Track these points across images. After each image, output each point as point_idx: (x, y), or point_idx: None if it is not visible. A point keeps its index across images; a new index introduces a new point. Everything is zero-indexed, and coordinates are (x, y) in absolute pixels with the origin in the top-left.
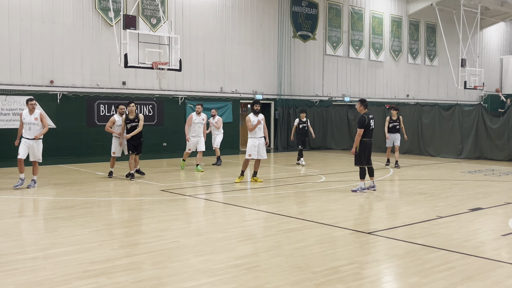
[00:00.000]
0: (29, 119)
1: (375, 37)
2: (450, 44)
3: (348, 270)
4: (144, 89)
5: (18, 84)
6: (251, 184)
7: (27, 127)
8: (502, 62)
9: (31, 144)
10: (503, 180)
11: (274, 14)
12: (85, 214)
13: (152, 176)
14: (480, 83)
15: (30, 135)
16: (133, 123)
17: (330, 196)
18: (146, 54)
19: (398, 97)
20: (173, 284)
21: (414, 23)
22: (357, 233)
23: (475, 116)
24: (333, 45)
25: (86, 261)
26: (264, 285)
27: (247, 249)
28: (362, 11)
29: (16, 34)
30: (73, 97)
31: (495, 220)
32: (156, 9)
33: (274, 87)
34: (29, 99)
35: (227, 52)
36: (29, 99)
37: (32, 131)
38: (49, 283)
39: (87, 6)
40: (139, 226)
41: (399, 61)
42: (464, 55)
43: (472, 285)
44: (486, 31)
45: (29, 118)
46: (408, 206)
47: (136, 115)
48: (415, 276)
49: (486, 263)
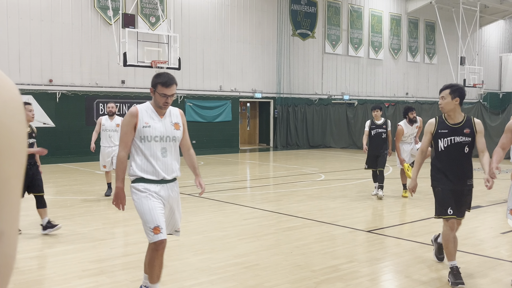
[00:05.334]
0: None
1: (374, 35)
2: (449, 42)
3: (348, 268)
4: (143, 88)
5: (17, 83)
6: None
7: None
8: (501, 60)
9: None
10: (502, 178)
11: (273, 12)
12: (85, 213)
13: None
14: (480, 81)
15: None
16: None
17: (329, 194)
18: (145, 52)
19: (398, 95)
20: (173, 283)
21: (413, 21)
22: (356, 231)
23: (474, 114)
24: (332, 44)
25: (86, 260)
26: (263, 283)
27: (247, 248)
28: (361, 9)
29: (14, 33)
30: (72, 96)
31: (495, 218)
32: (155, 7)
33: (273, 85)
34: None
35: (226, 51)
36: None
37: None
38: (48, 282)
39: (86, 5)
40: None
41: (398, 59)
42: (463, 53)
43: (471, 282)
44: (485, 29)
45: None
46: (407, 205)
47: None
48: (415, 274)
49: (486, 261)
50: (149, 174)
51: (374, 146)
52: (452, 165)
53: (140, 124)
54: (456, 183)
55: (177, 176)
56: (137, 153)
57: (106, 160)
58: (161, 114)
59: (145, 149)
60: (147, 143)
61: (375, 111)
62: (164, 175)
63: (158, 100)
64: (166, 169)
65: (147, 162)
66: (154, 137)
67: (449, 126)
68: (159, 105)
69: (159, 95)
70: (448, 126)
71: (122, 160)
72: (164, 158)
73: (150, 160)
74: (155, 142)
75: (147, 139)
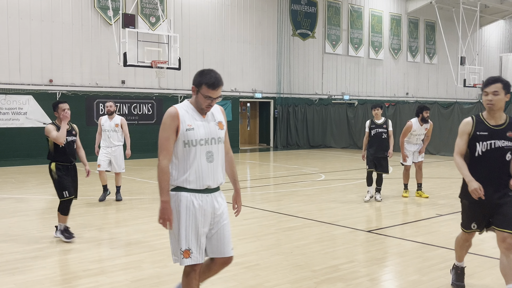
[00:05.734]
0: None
1: (374, 35)
2: (449, 42)
3: (348, 268)
4: (143, 88)
5: (17, 83)
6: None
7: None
8: (502, 60)
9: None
10: None
11: (273, 12)
12: (85, 213)
13: (152, 175)
14: (480, 81)
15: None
16: None
17: (329, 194)
18: (145, 52)
19: (398, 95)
20: (173, 283)
21: (414, 21)
22: (356, 231)
23: (474, 114)
24: (333, 43)
25: (86, 260)
26: (264, 283)
27: (247, 248)
28: (362, 9)
29: (15, 33)
30: (72, 96)
31: None
32: (155, 7)
33: (273, 85)
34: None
35: (226, 51)
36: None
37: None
38: (49, 282)
39: (86, 5)
40: (138, 225)
41: (399, 59)
42: (463, 53)
43: (471, 282)
44: (486, 29)
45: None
46: (407, 205)
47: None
48: (415, 274)
49: (486, 261)
50: (192, 183)
51: (374, 146)
52: (490, 173)
53: (182, 127)
54: (492, 195)
55: (222, 184)
56: (178, 159)
57: (102, 159)
58: (203, 113)
59: (188, 155)
60: (192, 147)
61: (376, 109)
62: (209, 183)
63: (201, 101)
64: (211, 176)
65: (191, 169)
66: (199, 140)
67: (489, 128)
68: (201, 107)
69: (202, 97)
70: (488, 127)
71: (166, 171)
72: (210, 163)
73: (194, 166)
74: (200, 146)
75: (192, 143)
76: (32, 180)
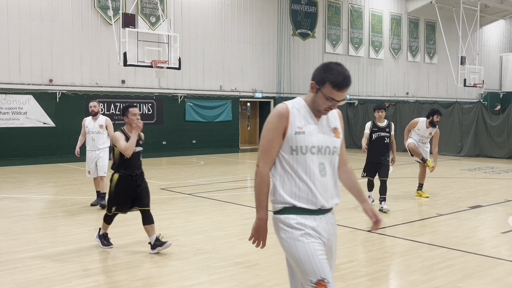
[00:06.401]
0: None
1: (374, 35)
2: (449, 41)
3: (348, 268)
4: (143, 88)
5: (17, 83)
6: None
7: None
8: (502, 59)
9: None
10: (502, 177)
11: (274, 12)
12: (85, 212)
13: (152, 175)
14: (480, 80)
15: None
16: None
17: None
18: (145, 52)
19: (398, 95)
20: (173, 282)
21: (414, 21)
22: (356, 231)
23: (474, 113)
24: (333, 43)
25: (86, 259)
26: (264, 283)
27: (247, 247)
28: (362, 9)
29: (15, 33)
30: (72, 96)
31: (495, 217)
32: (155, 7)
33: (273, 85)
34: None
35: (226, 50)
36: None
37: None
38: (49, 282)
39: (86, 4)
40: (138, 225)
41: (399, 59)
42: (463, 52)
43: (472, 282)
44: (486, 28)
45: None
46: (408, 204)
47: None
48: (415, 273)
49: (486, 261)
50: (304, 202)
51: (375, 152)
52: None
53: (291, 129)
54: None
55: (337, 205)
56: (285, 171)
57: (90, 166)
58: (318, 116)
59: (297, 165)
60: (301, 156)
61: (379, 111)
62: (324, 202)
63: (320, 102)
64: (325, 193)
65: (302, 183)
66: (311, 147)
67: None
68: (319, 108)
69: (323, 97)
70: None
71: (266, 181)
72: (323, 177)
73: (306, 180)
74: (311, 155)
75: (301, 150)
76: (32, 180)
